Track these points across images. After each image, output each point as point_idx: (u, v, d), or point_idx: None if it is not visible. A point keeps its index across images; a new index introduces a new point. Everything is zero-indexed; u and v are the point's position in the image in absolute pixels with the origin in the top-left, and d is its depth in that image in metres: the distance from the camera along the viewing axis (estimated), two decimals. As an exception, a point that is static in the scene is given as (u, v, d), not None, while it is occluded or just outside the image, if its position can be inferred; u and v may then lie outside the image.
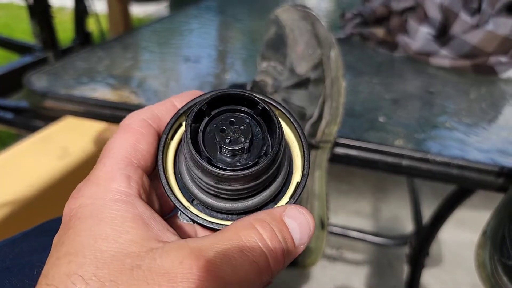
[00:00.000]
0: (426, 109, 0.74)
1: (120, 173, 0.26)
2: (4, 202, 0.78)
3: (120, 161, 0.27)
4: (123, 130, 0.29)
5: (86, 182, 0.26)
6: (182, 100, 0.31)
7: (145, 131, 0.29)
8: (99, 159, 0.28)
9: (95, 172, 0.27)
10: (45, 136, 0.95)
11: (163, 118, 0.30)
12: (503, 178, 0.57)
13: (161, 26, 1.27)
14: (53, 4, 1.74)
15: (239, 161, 0.26)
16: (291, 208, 0.27)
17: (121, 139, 0.28)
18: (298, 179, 0.29)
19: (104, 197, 0.25)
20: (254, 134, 0.27)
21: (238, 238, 0.24)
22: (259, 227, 0.25)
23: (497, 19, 0.88)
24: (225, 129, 0.27)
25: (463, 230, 1.55)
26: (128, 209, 0.25)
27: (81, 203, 0.25)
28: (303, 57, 0.52)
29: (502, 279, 0.46)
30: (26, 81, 0.83)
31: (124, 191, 0.26)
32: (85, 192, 0.25)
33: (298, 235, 0.26)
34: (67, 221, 0.25)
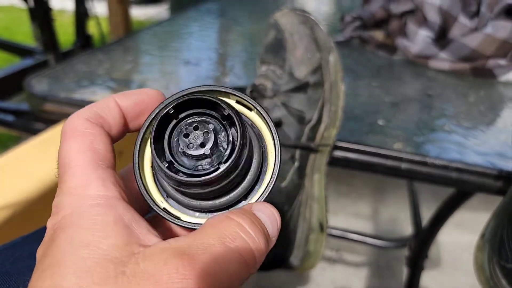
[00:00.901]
0: (425, 112, 0.75)
1: (93, 177, 0.25)
2: (5, 205, 0.78)
3: (88, 166, 0.26)
4: (70, 136, 0.27)
5: (61, 196, 0.25)
6: (125, 98, 0.30)
7: (94, 131, 0.28)
8: (61, 173, 0.26)
9: (66, 184, 0.25)
10: (46, 139, 0.95)
11: (106, 116, 0.29)
12: (501, 181, 0.58)
13: (161, 29, 1.27)
14: (53, 7, 1.75)
15: (202, 166, 0.27)
16: (257, 203, 0.27)
17: (75, 145, 0.26)
18: (268, 179, 0.29)
19: (82, 204, 0.24)
20: (219, 139, 0.27)
21: (218, 232, 0.24)
22: (235, 217, 0.25)
23: (496, 22, 0.88)
24: (188, 134, 0.27)
25: (462, 233, 1.55)
26: (108, 212, 0.24)
27: (62, 216, 0.24)
28: (302, 61, 0.52)
29: (501, 281, 0.46)
30: (27, 84, 0.83)
31: (103, 195, 0.25)
32: (64, 204, 0.25)
33: (269, 226, 0.27)
34: (50, 235, 0.24)
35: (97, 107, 0.29)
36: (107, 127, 0.29)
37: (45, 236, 0.25)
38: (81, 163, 0.26)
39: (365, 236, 1.30)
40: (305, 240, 0.55)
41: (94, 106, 0.29)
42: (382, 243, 1.29)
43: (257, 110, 0.30)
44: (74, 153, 0.26)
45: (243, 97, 0.29)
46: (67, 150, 0.26)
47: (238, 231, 0.24)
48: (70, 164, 0.26)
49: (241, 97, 0.29)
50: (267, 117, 0.29)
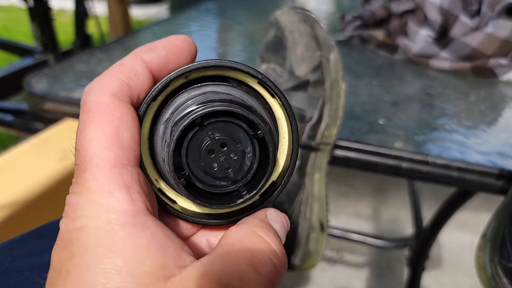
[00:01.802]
0: (425, 112, 0.75)
1: (117, 186, 0.22)
2: (4, 204, 0.78)
3: (112, 168, 0.23)
4: (94, 119, 0.23)
5: (79, 197, 0.22)
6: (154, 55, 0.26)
7: (121, 113, 0.24)
8: (80, 166, 0.23)
9: (87, 184, 0.22)
10: (45, 138, 0.95)
11: (134, 86, 0.25)
12: (503, 181, 0.57)
13: (160, 29, 1.27)
14: (53, 6, 1.74)
15: (220, 183, 0.24)
16: (271, 212, 0.27)
17: (98, 135, 0.23)
18: (275, 178, 0.27)
19: (108, 219, 0.22)
20: (244, 159, 0.24)
21: (251, 256, 0.23)
22: (263, 234, 0.24)
23: (497, 21, 0.88)
24: (213, 151, 0.24)
25: (464, 233, 1.55)
26: (139, 233, 0.22)
27: (82, 226, 0.22)
28: (303, 59, 0.52)
29: (503, 281, 0.46)
30: (26, 83, 0.83)
31: (129, 210, 0.22)
32: (84, 212, 0.22)
33: (281, 235, 0.26)
34: (67, 244, 0.22)
35: (123, 74, 0.25)
36: (135, 99, 0.25)
37: (61, 240, 0.22)
38: (104, 163, 0.22)
39: (365, 236, 1.29)
40: (306, 239, 0.55)
41: (122, 73, 0.25)
42: (382, 243, 1.28)
43: (281, 102, 0.27)
44: (97, 146, 0.23)
45: (268, 82, 0.26)
46: (89, 139, 0.23)
47: (271, 257, 0.24)
48: (92, 160, 0.23)
49: (266, 83, 0.26)
50: (291, 112, 0.27)
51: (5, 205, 0.77)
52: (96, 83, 0.24)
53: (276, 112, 0.27)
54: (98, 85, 0.24)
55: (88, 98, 0.24)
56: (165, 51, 0.26)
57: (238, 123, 0.24)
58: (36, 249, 0.37)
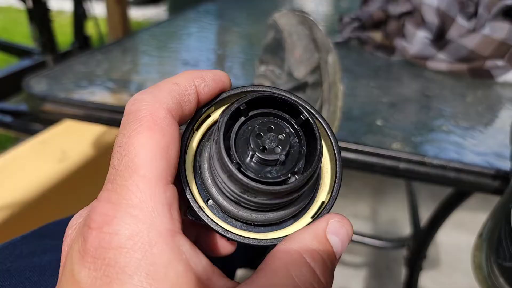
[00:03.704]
0: (423, 113, 0.75)
1: (160, 203, 0.21)
2: (4, 205, 0.79)
3: (158, 182, 0.22)
4: (149, 128, 0.22)
5: (117, 208, 0.21)
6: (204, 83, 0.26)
7: (173, 130, 0.23)
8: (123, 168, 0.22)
9: (126, 194, 0.21)
10: (44, 139, 0.95)
11: (185, 108, 0.25)
12: (499, 181, 0.58)
13: (159, 30, 1.27)
14: (52, 7, 1.75)
15: (270, 173, 0.24)
16: (333, 223, 0.25)
17: (151, 145, 0.22)
18: (324, 199, 0.27)
19: (149, 241, 0.20)
20: (291, 146, 0.24)
21: (292, 281, 0.22)
22: (310, 259, 0.23)
23: (494, 23, 0.88)
24: (261, 135, 0.24)
25: (461, 232, 1.55)
26: (177, 259, 0.21)
27: (120, 245, 0.20)
28: (301, 61, 0.52)
29: (499, 280, 0.46)
30: (25, 84, 0.83)
31: (169, 230, 0.21)
32: (122, 228, 0.20)
33: (339, 250, 0.25)
34: (103, 265, 0.20)
35: (180, 95, 0.25)
36: (183, 119, 0.25)
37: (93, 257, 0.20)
38: (152, 175, 0.22)
39: (364, 237, 1.30)
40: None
41: (177, 92, 0.25)
42: (380, 244, 1.29)
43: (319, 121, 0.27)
44: (147, 155, 0.22)
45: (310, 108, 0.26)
46: (140, 145, 0.22)
47: (312, 283, 0.23)
48: (139, 168, 0.21)
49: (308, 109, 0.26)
50: (330, 132, 0.27)
51: (5, 206, 0.78)
52: (151, 95, 0.24)
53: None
54: (153, 97, 0.24)
55: (140, 106, 0.23)
56: (214, 83, 0.27)
57: (281, 114, 0.24)
58: (37, 250, 0.37)
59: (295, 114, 0.24)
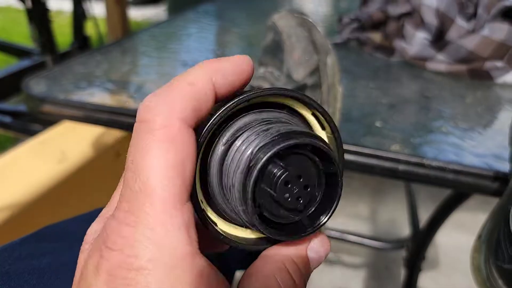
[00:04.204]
0: (422, 114, 0.75)
1: (178, 225, 0.21)
2: (3, 207, 0.79)
3: (175, 204, 0.21)
4: (161, 140, 0.21)
5: (135, 231, 0.21)
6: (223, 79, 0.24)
7: (189, 142, 0.22)
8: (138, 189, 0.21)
9: (144, 216, 0.21)
10: (44, 140, 0.95)
11: (202, 110, 0.23)
12: (498, 183, 0.58)
13: (159, 31, 1.27)
14: (51, 7, 1.75)
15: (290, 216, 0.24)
16: (315, 242, 0.27)
17: (164, 160, 0.21)
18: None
19: (170, 263, 0.20)
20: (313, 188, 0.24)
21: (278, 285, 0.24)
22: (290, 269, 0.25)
23: (493, 24, 0.89)
24: (289, 182, 0.22)
25: (460, 233, 1.55)
26: (198, 281, 0.21)
27: (140, 267, 0.20)
28: (300, 63, 0.52)
29: (497, 282, 0.46)
30: (25, 85, 0.83)
31: (188, 252, 0.21)
32: (142, 251, 0.20)
33: (315, 265, 0.27)
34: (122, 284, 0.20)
35: (196, 99, 0.23)
36: (199, 122, 0.23)
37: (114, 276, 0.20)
38: (168, 197, 0.21)
39: (363, 238, 1.30)
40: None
41: (193, 96, 0.22)
42: (380, 245, 1.29)
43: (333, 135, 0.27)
44: (161, 175, 0.21)
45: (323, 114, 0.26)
46: (153, 166, 0.21)
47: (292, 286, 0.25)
48: (155, 192, 0.21)
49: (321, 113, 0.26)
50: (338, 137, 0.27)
51: (4, 207, 0.78)
52: (165, 101, 0.22)
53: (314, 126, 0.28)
54: (166, 101, 0.22)
55: (152, 115, 0.22)
56: (234, 76, 0.25)
57: (312, 156, 0.23)
58: (36, 252, 0.37)
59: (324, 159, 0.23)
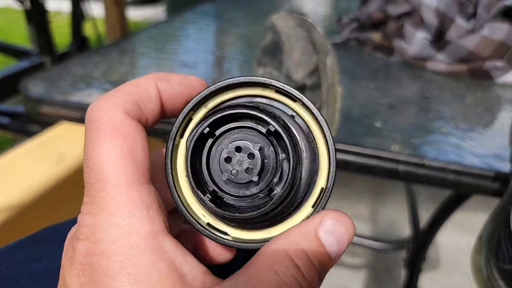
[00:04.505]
0: (422, 114, 0.75)
1: (137, 206, 0.22)
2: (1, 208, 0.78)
3: (130, 186, 0.22)
4: (108, 135, 0.22)
5: (97, 218, 0.22)
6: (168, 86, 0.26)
7: (134, 131, 0.23)
8: (96, 185, 0.22)
9: (102, 204, 0.22)
10: (42, 141, 0.95)
11: (145, 108, 0.24)
12: (498, 183, 0.58)
13: (157, 32, 1.27)
14: (49, 8, 1.74)
15: (250, 191, 0.23)
16: (327, 220, 0.24)
17: (114, 151, 0.22)
18: (323, 184, 0.25)
19: (130, 244, 0.21)
20: (266, 156, 0.23)
21: (275, 275, 0.22)
22: (295, 256, 0.23)
23: (493, 24, 0.88)
24: (230, 158, 0.23)
25: (461, 234, 1.55)
26: (160, 259, 0.21)
27: (103, 251, 0.21)
28: (300, 63, 0.52)
29: (498, 283, 0.46)
30: (23, 87, 0.83)
31: (150, 231, 0.22)
32: (104, 236, 0.21)
33: (335, 249, 0.24)
34: (89, 270, 0.21)
35: (137, 95, 0.24)
36: (144, 121, 0.25)
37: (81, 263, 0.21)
38: (122, 181, 0.22)
39: (363, 238, 1.30)
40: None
41: (134, 92, 0.24)
42: (380, 245, 1.29)
43: (302, 103, 0.25)
44: (113, 164, 0.22)
45: (285, 88, 0.25)
46: (103, 156, 0.22)
47: (297, 277, 0.22)
48: (109, 178, 0.22)
49: (282, 89, 0.25)
50: (315, 110, 0.25)
51: (2, 209, 0.77)
52: (107, 99, 0.24)
53: (307, 120, 0.26)
54: (109, 100, 0.24)
55: (97, 114, 0.23)
56: (180, 87, 0.26)
57: (250, 125, 0.23)
58: (33, 256, 0.37)
59: (266, 123, 0.23)
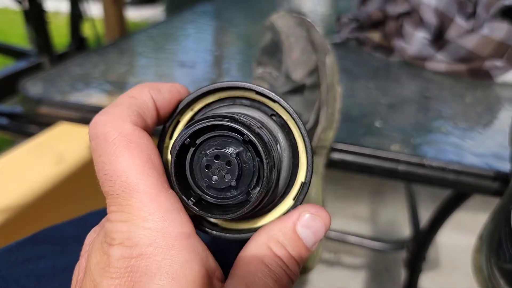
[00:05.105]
0: (422, 114, 0.75)
1: (167, 210, 0.23)
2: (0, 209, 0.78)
3: (158, 193, 0.23)
4: (126, 148, 0.23)
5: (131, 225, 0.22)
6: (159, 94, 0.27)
7: (147, 141, 0.25)
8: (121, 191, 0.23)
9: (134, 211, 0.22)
10: (40, 142, 0.94)
11: (146, 118, 0.26)
12: (498, 182, 0.58)
13: (156, 32, 1.27)
14: (48, 9, 1.74)
15: (230, 193, 0.25)
16: (305, 216, 0.26)
17: (135, 162, 0.23)
18: (302, 178, 0.28)
19: (166, 245, 0.22)
20: (244, 161, 0.25)
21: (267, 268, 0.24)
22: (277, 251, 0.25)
23: (492, 23, 0.88)
24: (210, 165, 0.25)
25: (461, 234, 1.55)
26: (193, 259, 0.22)
27: (140, 253, 0.22)
28: (299, 63, 0.52)
29: (499, 282, 0.46)
30: (21, 87, 0.83)
31: (183, 233, 0.23)
32: (140, 240, 0.22)
33: (312, 241, 0.26)
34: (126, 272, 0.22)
35: (137, 106, 0.26)
36: (148, 129, 0.26)
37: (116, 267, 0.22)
38: (150, 188, 0.23)
39: (363, 239, 1.30)
40: (303, 243, 0.54)
41: (134, 104, 0.26)
42: (380, 245, 1.29)
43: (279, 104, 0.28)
44: (137, 174, 0.23)
45: (264, 92, 0.28)
46: (126, 167, 0.23)
47: (284, 269, 0.25)
48: (137, 187, 0.23)
49: (261, 92, 0.28)
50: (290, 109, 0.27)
51: (1, 209, 0.77)
52: (112, 112, 0.25)
53: (286, 119, 0.29)
54: (114, 114, 0.25)
55: (105, 128, 0.24)
56: (169, 94, 0.28)
57: (228, 133, 0.25)
58: (32, 256, 0.37)
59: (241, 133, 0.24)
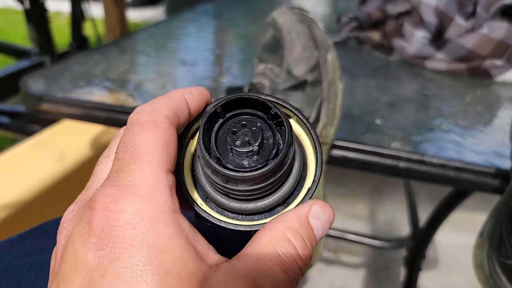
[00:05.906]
0: (422, 112, 0.75)
1: (163, 184, 0.24)
2: (2, 205, 0.78)
3: (161, 168, 0.24)
4: (151, 128, 0.25)
5: (122, 190, 0.23)
6: (193, 98, 0.30)
7: (172, 132, 0.27)
8: (128, 156, 0.24)
9: (131, 177, 0.23)
10: (42, 139, 0.95)
11: (180, 118, 0.28)
12: (499, 180, 0.58)
13: (157, 30, 1.27)
14: (49, 8, 1.74)
15: (248, 163, 0.27)
16: (316, 208, 0.27)
17: (154, 139, 0.25)
18: (309, 185, 0.29)
19: (154, 217, 0.22)
20: (265, 138, 0.27)
21: (278, 257, 0.24)
22: (292, 238, 0.25)
23: (492, 23, 0.89)
24: (236, 131, 0.27)
25: (460, 233, 1.55)
26: (180, 234, 0.23)
27: (126, 222, 0.21)
28: (300, 59, 0.52)
29: (501, 278, 0.46)
30: (23, 84, 0.83)
31: (171, 208, 0.23)
32: (127, 206, 0.22)
33: (320, 232, 0.27)
34: (109, 243, 0.21)
35: (176, 106, 0.28)
36: (178, 128, 0.28)
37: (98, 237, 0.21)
38: (155, 162, 0.24)
39: (362, 237, 1.30)
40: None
41: (173, 103, 0.28)
42: (379, 244, 1.29)
43: (298, 117, 0.30)
44: (151, 147, 0.25)
45: (283, 104, 0.30)
46: (144, 140, 0.25)
47: (296, 260, 0.25)
48: (144, 155, 0.24)
49: (281, 104, 0.30)
50: (308, 123, 0.30)
51: (3, 206, 0.77)
52: (151, 106, 0.27)
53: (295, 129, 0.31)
54: (152, 107, 0.27)
55: (141, 114, 0.27)
56: (200, 96, 0.30)
57: (255, 112, 0.28)
58: (33, 249, 0.37)
59: (267, 111, 0.27)
